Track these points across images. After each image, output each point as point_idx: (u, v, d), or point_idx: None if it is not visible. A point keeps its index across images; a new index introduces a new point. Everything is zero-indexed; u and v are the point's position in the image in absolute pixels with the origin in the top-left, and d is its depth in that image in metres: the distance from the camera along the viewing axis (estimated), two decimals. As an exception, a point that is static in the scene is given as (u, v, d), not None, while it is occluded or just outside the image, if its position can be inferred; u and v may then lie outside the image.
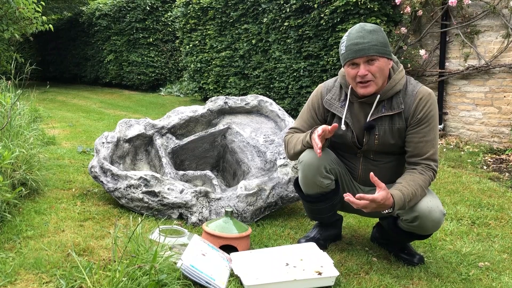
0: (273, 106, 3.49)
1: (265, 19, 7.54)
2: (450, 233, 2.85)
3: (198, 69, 9.45)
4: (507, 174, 4.34)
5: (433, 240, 2.73)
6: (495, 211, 3.26)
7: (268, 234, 2.69)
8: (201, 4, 9.00)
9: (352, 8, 5.99)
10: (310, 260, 2.24)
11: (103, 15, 12.82)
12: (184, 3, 9.54)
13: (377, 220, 2.68)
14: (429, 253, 2.55)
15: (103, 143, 3.23)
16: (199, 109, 3.52)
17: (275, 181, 2.93)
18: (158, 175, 2.91)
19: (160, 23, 11.99)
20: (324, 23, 6.44)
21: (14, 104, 3.64)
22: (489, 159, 4.92)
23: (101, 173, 3.01)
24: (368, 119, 2.24)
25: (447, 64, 5.78)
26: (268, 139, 3.26)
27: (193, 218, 2.78)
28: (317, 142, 2.11)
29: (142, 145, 3.41)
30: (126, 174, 2.94)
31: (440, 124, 5.87)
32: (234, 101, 3.54)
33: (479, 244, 2.68)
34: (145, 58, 11.96)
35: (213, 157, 3.52)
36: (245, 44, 8.12)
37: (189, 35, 9.61)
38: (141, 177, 2.88)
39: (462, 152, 5.18)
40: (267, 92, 7.77)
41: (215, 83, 9.05)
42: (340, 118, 2.30)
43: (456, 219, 3.10)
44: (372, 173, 2.05)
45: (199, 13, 9.17)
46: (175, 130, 3.45)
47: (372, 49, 2.12)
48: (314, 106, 2.41)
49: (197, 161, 3.49)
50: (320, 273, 2.10)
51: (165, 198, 2.82)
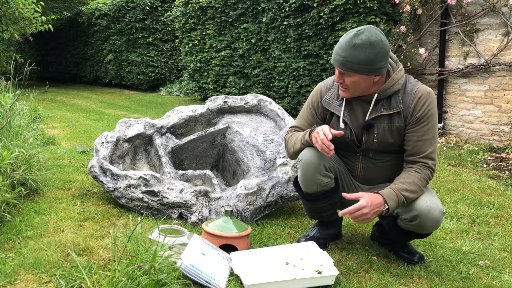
0: (272, 105, 3.49)
1: (264, 18, 7.53)
2: (450, 232, 2.85)
3: (198, 68, 9.45)
4: (507, 172, 4.34)
5: (433, 238, 2.73)
6: (495, 210, 3.26)
7: (268, 233, 2.68)
8: (200, 3, 9.00)
9: (351, 7, 5.99)
10: (310, 259, 2.24)
11: (103, 15, 12.83)
12: (184, 2, 9.54)
13: (377, 219, 2.68)
14: (429, 251, 2.55)
15: (103, 143, 3.22)
16: (199, 109, 3.52)
17: (275, 180, 2.93)
18: (157, 175, 2.90)
19: (160, 23, 11.99)
20: (323, 22, 6.43)
21: (13, 104, 3.63)
22: (489, 158, 4.92)
23: (101, 173, 3.01)
24: (366, 118, 2.25)
25: (446, 62, 5.78)
26: (268, 138, 3.26)
27: (193, 218, 2.78)
28: (327, 144, 2.12)
29: (141, 144, 3.41)
30: (125, 173, 2.94)
31: (440, 122, 5.86)
32: (234, 100, 3.54)
33: (479, 243, 2.68)
34: (145, 58, 11.96)
35: (212, 156, 3.52)
36: (244, 44, 8.12)
37: (189, 34, 9.61)
38: (140, 177, 2.88)
39: (462, 151, 5.18)
40: (267, 92, 7.77)
41: (214, 83, 9.05)
42: (339, 117, 2.31)
43: (456, 217, 3.10)
44: (343, 193, 2.14)
45: (198, 13, 9.17)
46: (175, 130, 3.45)
47: (345, 65, 2.14)
48: (314, 104, 2.43)
49: (197, 161, 3.49)
50: (320, 272, 2.10)
51: (164, 197, 2.82)
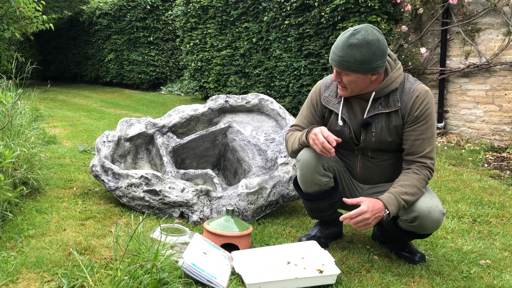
0: (273, 104, 3.49)
1: (265, 18, 7.53)
2: (451, 231, 2.85)
3: (199, 68, 9.45)
4: (508, 172, 4.34)
5: (434, 238, 2.73)
6: (496, 209, 3.26)
7: (269, 233, 2.69)
8: (201, 2, 8.99)
9: (352, 6, 5.99)
10: (311, 258, 2.24)
11: (104, 14, 12.83)
12: (185, 1, 9.53)
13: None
14: (430, 251, 2.55)
15: (104, 142, 3.23)
16: (200, 108, 3.52)
17: (276, 180, 2.93)
18: (159, 174, 2.91)
19: (161, 22, 11.99)
20: (324, 22, 6.43)
21: (15, 104, 3.64)
22: (490, 157, 4.92)
23: (102, 172, 3.01)
24: (364, 116, 2.25)
25: (448, 62, 5.78)
26: (269, 138, 3.26)
27: (194, 217, 2.79)
28: (328, 147, 2.11)
29: (143, 144, 3.41)
30: (127, 173, 2.94)
31: (441, 122, 5.86)
32: (235, 99, 3.54)
33: (480, 242, 2.68)
34: (146, 57, 11.96)
35: (214, 155, 3.52)
36: (245, 43, 8.11)
37: (190, 33, 9.61)
38: (142, 176, 2.88)
39: (463, 150, 5.18)
40: (268, 91, 7.77)
41: (215, 82, 9.05)
42: (337, 114, 2.32)
43: (457, 217, 3.10)
44: (344, 199, 2.11)
45: (199, 12, 9.16)
46: (176, 129, 3.45)
47: (342, 65, 2.14)
48: (313, 102, 2.44)
49: (198, 160, 3.49)
50: (321, 271, 2.11)
51: (166, 196, 2.82)
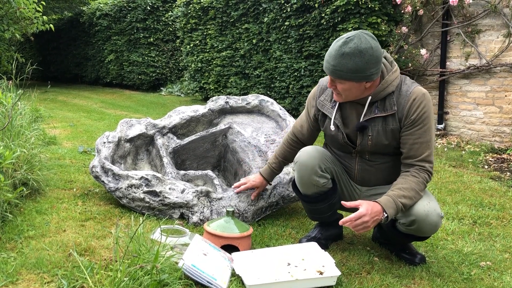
0: (274, 105, 3.49)
1: (265, 19, 7.54)
2: (451, 233, 2.85)
3: (199, 68, 9.45)
4: (508, 173, 4.34)
5: (435, 239, 2.73)
6: (497, 211, 3.26)
7: (270, 234, 2.69)
8: (201, 3, 9.00)
9: (353, 7, 5.99)
10: (311, 260, 2.24)
11: (104, 15, 12.83)
12: (185, 2, 9.53)
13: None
14: (430, 252, 2.55)
15: (104, 143, 3.23)
16: (200, 109, 3.52)
17: (277, 181, 2.93)
18: (159, 175, 2.90)
19: (161, 23, 11.99)
20: (325, 23, 6.43)
21: (15, 104, 3.63)
22: (490, 159, 4.92)
23: (102, 173, 3.01)
24: (361, 120, 2.25)
25: (448, 63, 5.78)
26: (269, 139, 3.26)
27: (194, 218, 2.78)
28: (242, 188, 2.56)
29: (143, 145, 3.41)
30: (127, 174, 2.94)
31: (441, 123, 5.86)
32: (235, 100, 3.54)
33: (481, 244, 2.68)
34: (146, 58, 11.96)
35: (214, 156, 3.52)
36: (245, 44, 8.12)
37: (190, 34, 9.61)
38: (142, 177, 2.88)
39: (463, 152, 5.18)
40: (268, 92, 7.77)
41: (215, 83, 9.05)
42: (331, 119, 2.32)
43: (458, 218, 3.10)
44: (343, 202, 2.13)
45: (199, 13, 9.17)
46: (176, 130, 3.45)
47: (335, 74, 2.14)
48: (309, 105, 2.51)
49: (198, 161, 3.49)
50: (321, 273, 2.10)
51: (166, 198, 2.82)
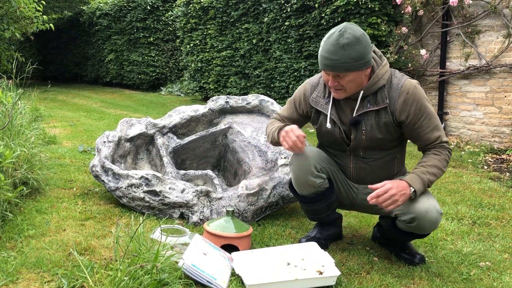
0: (274, 105, 3.49)
1: (265, 19, 7.54)
2: (451, 233, 2.86)
3: (199, 68, 9.46)
4: (507, 174, 4.34)
5: (434, 240, 2.73)
6: (496, 211, 3.26)
7: (269, 234, 2.69)
8: (201, 3, 9.00)
9: (353, 7, 5.99)
10: (311, 260, 2.24)
11: (104, 14, 12.83)
12: (185, 2, 9.54)
13: (377, 220, 2.69)
14: (430, 252, 2.56)
15: (104, 142, 3.23)
16: (200, 109, 3.52)
17: (276, 181, 2.93)
18: (159, 175, 2.91)
19: (161, 23, 11.99)
20: (325, 23, 6.44)
21: (15, 104, 3.64)
22: (490, 159, 4.92)
23: (102, 172, 3.01)
24: (354, 115, 2.26)
25: (447, 64, 5.78)
26: (269, 139, 3.26)
27: (194, 218, 2.79)
28: (299, 146, 2.21)
29: (143, 144, 3.41)
30: (127, 173, 2.94)
31: (441, 124, 5.85)
32: (235, 100, 3.55)
33: (480, 244, 2.69)
34: (146, 58, 11.97)
35: (214, 156, 3.52)
36: (245, 44, 8.12)
37: (190, 34, 9.62)
38: (142, 177, 2.88)
39: (463, 152, 5.18)
40: (268, 92, 7.77)
41: (215, 83, 9.06)
42: (326, 115, 2.32)
43: (457, 219, 3.10)
44: (369, 186, 2.15)
45: (199, 13, 9.17)
46: (176, 130, 3.45)
47: (341, 67, 2.12)
48: (296, 101, 2.49)
49: (198, 161, 3.49)
50: (321, 273, 2.11)
51: (166, 197, 2.82)
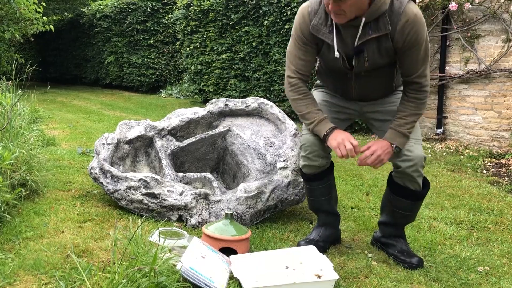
0: (273, 108, 3.49)
1: (265, 22, 7.55)
2: (449, 237, 2.85)
3: (199, 71, 9.46)
4: (506, 178, 4.35)
5: (433, 244, 2.73)
6: (495, 216, 3.26)
7: (268, 237, 2.68)
8: (202, 6, 9.01)
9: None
10: (309, 263, 2.24)
11: (104, 16, 12.83)
12: (185, 5, 9.54)
13: (375, 224, 2.69)
14: (428, 257, 2.55)
15: (103, 144, 3.22)
16: (200, 111, 3.52)
17: (275, 184, 2.93)
18: (158, 177, 2.90)
19: (161, 25, 11.99)
20: (324, 26, 6.43)
21: (14, 105, 3.63)
22: (489, 164, 4.92)
23: (101, 175, 3.01)
24: (356, 43, 2.22)
25: (447, 68, 5.79)
26: (268, 142, 3.26)
27: (193, 220, 2.78)
28: (353, 155, 2.28)
29: (142, 146, 3.41)
30: (126, 175, 2.94)
31: (440, 128, 5.87)
32: (235, 103, 3.54)
33: (479, 249, 2.68)
34: (146, 60, 11.96)
35: (213, 159, 3.52)
36: (245, 47, 8.13)
37: (190, 37, 9.62)
38: (141, 179, 2.88)
39: (462, 156, 5.18)
40: (268, 95, 7.78)
41: (215, 85, 9.06)
42: (329, 45, 2.28)
43: (456, 223, 3.10)
44: (360, 148, 2.29)
45: (199, 15, 9.18)
46: (176, 132, 3.45)
47: None
48: (303, 34, 2.31)
49: (197, 163, 3.49)
50: (319, 277, 2.10)
51: (164, 200, 2.82)
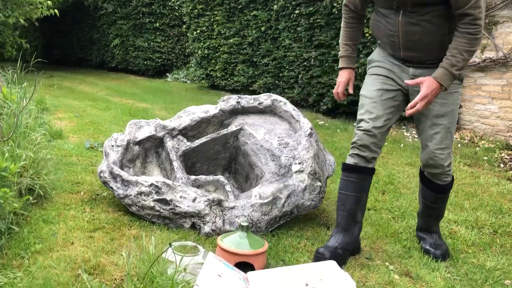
0: (287, 106, 3.36)
1: (275, 6, 7.35)
2: (472, 244, 2.75)
3: (206, 55, 9.29)
4: (525, 173, 4.22)
5: (455, 252, 2.63)
6: (517, 218, 3.15)
7: (284, 246, 2.59)
8: (209, -11, 8.81)
9: (365, -3, 5.80)
10: (330, 281, 2.14)
11: (109, -2, 12.62)
12: (192, -13, 9.34)
13: (396, 228, 2.59)
14: (452, 267, 2.46)
15: (113, 146, 3.12)
16: (211, 110, 3.40)
17: (291, 189, 2.82)
18: (169, 182, 2.81)
19: (167, 8, 11.77)
20: (336, 12, 6.25)
21: (20, 105, 3.53)
22: (506, 156, 4.79)
23: (111, 179, 2.91)
24: None
25: (463, 56, 5.61)
26: (283, 142, 3.14)
27: (206, 228, 2.69)
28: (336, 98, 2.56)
29: (152, 147, 3.30)
30: (136, 180, 2.84)
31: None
32: (247, 100, 3.42)
33: (504, 258, 2.58)
34: (152, 43, 11.78)
35: (224, 158, 3.42)
36: (254, 31, 7.94)
37: (197, 20, 9.43)
38: (152, 184, 2.78)
39: (478, 148, 5.05)
40: (276, 81, 7.62)
41: (222, 71, 8.90)
42: None
43: (477, 227, 2.99)
44: (406, 81, 2.33)
45: (206, -2, 8.97)
46: (186, 132, 3.34)
47: None
48: None
49: (208, 163, 3.39)
50: (341, 296, 2.01)
51: (177, 206, 2.73)
